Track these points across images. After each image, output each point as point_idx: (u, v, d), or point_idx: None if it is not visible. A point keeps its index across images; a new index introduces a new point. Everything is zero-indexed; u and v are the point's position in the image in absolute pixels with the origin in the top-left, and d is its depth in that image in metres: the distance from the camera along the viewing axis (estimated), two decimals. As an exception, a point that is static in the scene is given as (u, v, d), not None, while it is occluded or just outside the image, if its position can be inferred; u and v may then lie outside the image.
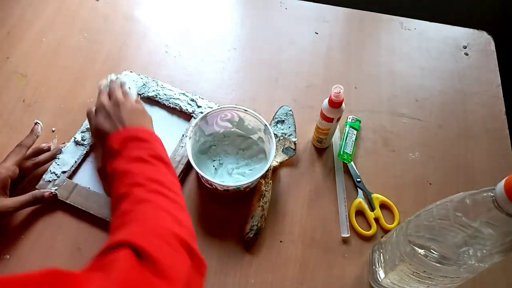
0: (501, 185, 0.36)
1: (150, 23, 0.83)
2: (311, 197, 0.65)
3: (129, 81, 0.65)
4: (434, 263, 0.43)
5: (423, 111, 0.75)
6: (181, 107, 0.71)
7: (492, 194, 0.37)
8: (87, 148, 0.66)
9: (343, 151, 0.67)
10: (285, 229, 0.63)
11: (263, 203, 0.62)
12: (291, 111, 0.72)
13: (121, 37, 0.81)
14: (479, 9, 1.13)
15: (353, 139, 0.69)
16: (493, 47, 0.83)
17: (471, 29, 0.85)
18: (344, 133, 0.69)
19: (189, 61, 0.79)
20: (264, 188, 0.63)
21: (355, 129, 0.70)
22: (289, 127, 0.70)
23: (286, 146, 0.68)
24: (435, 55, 0.82)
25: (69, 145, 0.66)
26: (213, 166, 0.66)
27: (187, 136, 0.61)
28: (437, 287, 0.48)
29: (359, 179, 0.67)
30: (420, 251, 0.44)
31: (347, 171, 0.68)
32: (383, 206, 0.65)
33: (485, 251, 0.39)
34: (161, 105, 0.72)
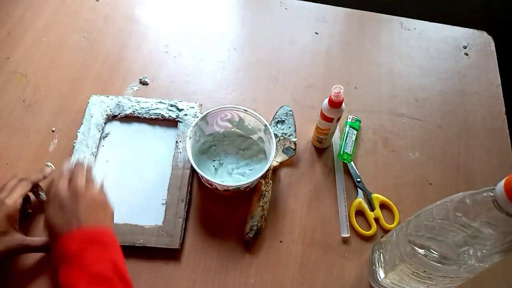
0: (501, 185, 0.36)
1: (150, 23, 0.83)
2: (311, 197, 0.65)
3: (96, 163, 0.59)
4: (434, 263, 0.43)
5: (423, 111, 0.75)
6: (163, 115, 0.69)
7: (492, 194, 0.37)
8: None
9: (343, 151, 0.67)
10: (285, 229, 0.63)
11: (263, 203, 0.62)
12: (291, 111, 0.72)
13: (121, 37, 0.81)
14: (479, 9, 1.13)
15: (353, 139, 0.69)
16: (493, 47, 0.83)
17: (471, 29, 0.85)
18: (344, 133, 0.69)
19: (189, 61, 0.79)
20: (264, 188, 0.63)
21: (355, 129, 0.70)
22: (289, 127, 0.70)
23: (286, 146, 0.68)
24: (435, 55, 0.82)
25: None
26: (213, 166, 0.66)
27: (187, 136, 0.61)
28: (437, 287, 0.48)
29: (359, 179, 0.67)
30: (420, 251, 0.44)
31: (347, 171, 0.68)
32: (383, 206, 0.65)
33: (485, 251, 0.39)
34: (141, 119, 0.70)
